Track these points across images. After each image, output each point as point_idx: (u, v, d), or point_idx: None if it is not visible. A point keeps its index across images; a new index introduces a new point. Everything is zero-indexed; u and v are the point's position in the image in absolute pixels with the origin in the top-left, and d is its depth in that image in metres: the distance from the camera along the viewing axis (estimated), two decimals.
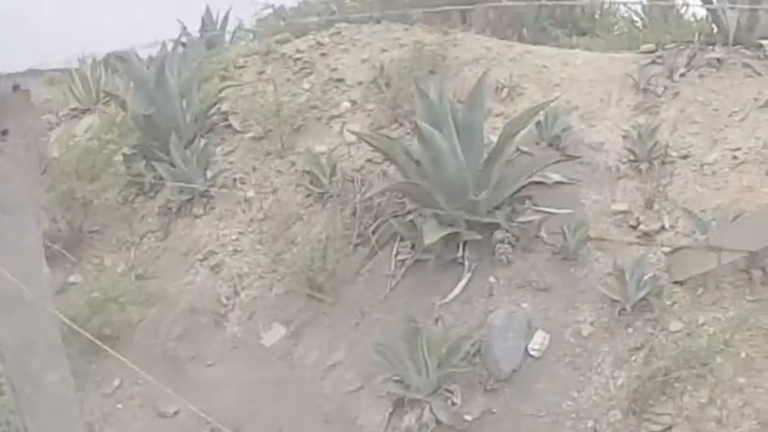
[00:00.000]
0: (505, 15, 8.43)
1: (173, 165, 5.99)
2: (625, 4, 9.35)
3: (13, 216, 3.05)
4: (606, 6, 9.57)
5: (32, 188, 3.22)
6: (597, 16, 9.33)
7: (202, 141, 6.23)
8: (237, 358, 5.12)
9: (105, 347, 5.16)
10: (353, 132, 5.62)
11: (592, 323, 4.49)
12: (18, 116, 3.08)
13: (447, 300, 4.71)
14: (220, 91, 6.62)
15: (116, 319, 5.32)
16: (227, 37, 9.18)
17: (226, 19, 9.18)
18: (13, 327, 3.10)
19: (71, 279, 5.96)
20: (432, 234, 4.61)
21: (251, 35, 9.26)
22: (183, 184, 5.92)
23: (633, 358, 4.25)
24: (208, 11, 9.09)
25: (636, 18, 9.04)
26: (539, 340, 4.43)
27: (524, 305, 4.61)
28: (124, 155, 6.36)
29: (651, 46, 6.63)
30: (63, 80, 14.91)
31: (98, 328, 5.19)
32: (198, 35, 8.95)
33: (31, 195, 3.21)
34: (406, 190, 5.06)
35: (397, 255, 5.01)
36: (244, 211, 5.81)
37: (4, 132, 3.03)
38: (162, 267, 5.80)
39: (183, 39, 8.89)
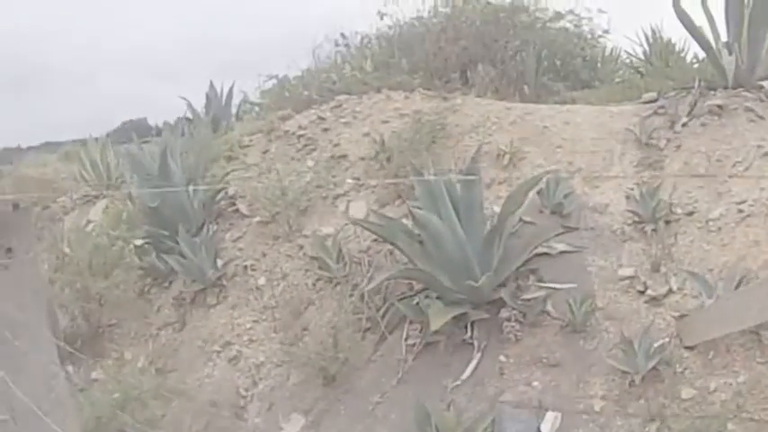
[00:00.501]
0: (506, 72, 8.48)
1: (183, 255, 6.04)
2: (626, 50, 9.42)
3: (23, 334, 3.12)
4: (607, 53, 9.63)
5: (40, 304, 3.29)
6: (599, 64, 9.36)
7: (211, 229, 6.28)
8: None
9: None
10: (355, 222, 5.69)
11: (603, 397, 4.49)
12: (20, 234, 3.16)
13: (458, 382, 4.72)
14: (227, 175, 6.69)
15: (139, 416, 5.34)
16: (234, 110, 9.24)
17: (231, 92, 9.24)
18: None
19: (93, 375, 6.01)
20: (438, 318, 4.65)
21: (256, 108, 9.34)
22: (194, 275, 5.99)
23: (646, 430, 4.25)
24: (212, 86, 9.15)
25: (637, 63, 9.09)
26: (550, 420, 4.43)
27: (535, 383, 4.62)
28: (135, 246, 6.44)
29: (653, 95, 6.66)
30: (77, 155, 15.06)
31: (120, 426, 5.23)
32: (203, 110, 9.02)
33: (39, 312, 3.27)
34: (411, 275, 5.09)
35: (406, 339, 5.03)
36: (256, 299, 5.84)
37: (9, 250, 3.10)
38: (181, 360, 5.84)
39: (189, 115, 9.01)
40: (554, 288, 4.94)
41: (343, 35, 9.68)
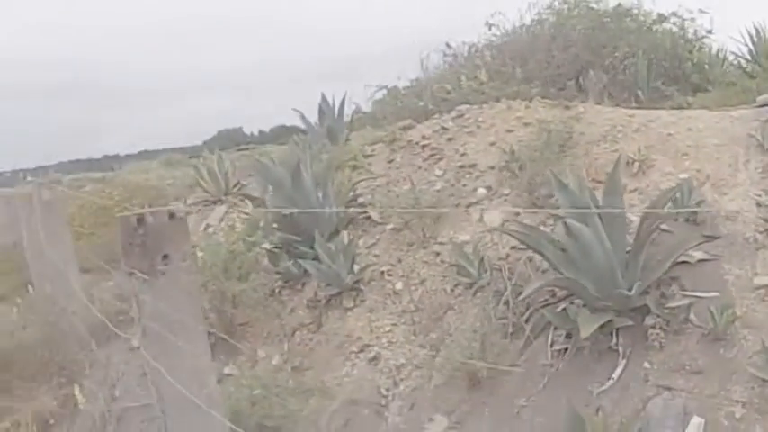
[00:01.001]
0: (617, 78, 8.57)
1: (319, 260, 6.26)
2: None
3: (181, 330, 3.36)
4: (713, 54, 9.63)
5: (195, 306, 3.52)
6: (707, 66, 9.38)
7: (346, 235, 6.49)
8: None
9: None
10: (502, 230, 5.82)
11: (744, 404, 4.53)
12: (176, 242, 3.40)
13: (604, 387, 4.79)
14: (356, 183, 6.89)
15: (276, 412, 5.54)
16: (347, 119, 9.40)
17: (342, 104, 9.39)
18: (187, 427, 3.40)
19: (226, 371, 6.25)
20: (587, 325, 4.75)
21: (368, 118, 9.53)
22: (330, 280, 6.21)
23: None
24: (324, 98, 9.29)
25: (744, 64, 9.09)
26: (695, 425, 4.50)
27: (679, 390, 4.68)
28: (268, 251, 6.70)
29: (766, 97, 6.70)
30: (180, 162, 15.49)
31: (260, 420, 5.45)
32: (317, 122, 9.20)
33: (195, 312, 3.51)
34: (561, 283, 5.21)
35: (552, 345, 5.13)
36: (394, 303, 6.01)
37: (165, 257, 3.35)
38: (317, 359, 6.04)
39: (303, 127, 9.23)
40: (697, 296, 5.02)
41: (448, 45, 9.88)
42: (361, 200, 6.85)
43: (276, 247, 6.73)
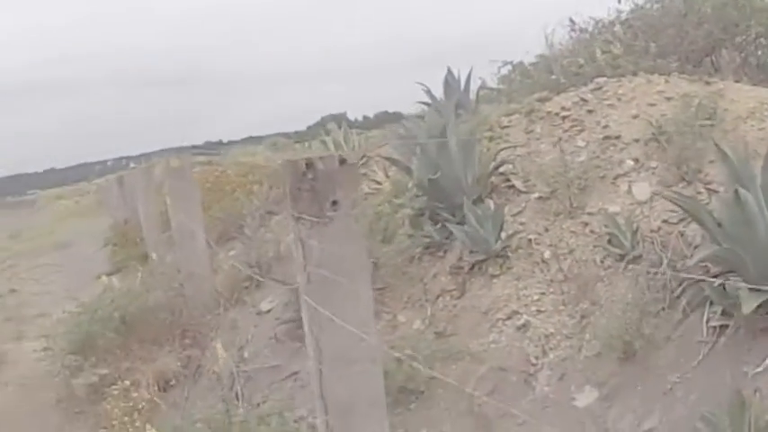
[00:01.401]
0: (748, 57, 8.49)
1: (463, 224, 6.34)
2: None
3: (347, 278, 3.43)
4: None
5: (362, 254, 3.59)
6: None
7: (491, 202, 6.55)
8: (550, 417, 5.26)
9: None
10: (667, 197, 5.75)
11: None
12: (345, 188, 3.45)
13: (760, 369, 4.69)
14: (498, 152, 6.94)
15: (419, 374, 5.62)
16: (472, 96, 9.41)
17: (469, 78, 9.40)
18: (344, 379, 3.48)
19: None
20: (749, 303, 4.70)
21: (496, 93, 9.55)
22: (477, 246, 6.27)
23: None
24: (449, 71, 9.31)
25: None
26: None
27: None
28: (410, 216, 6.80)
29: None
30: (286, 145, 15.77)
31: (403, 383, 5.55)
32: (443, 97, 9.22)
33: (362, 261, 3.58)
34: (725, 255, 5.18)
35: (708, 321, 5.10)
36: (542, 272, 6.03)
37: (335, 203, 3.41)
38: (461, 326, 6.10)
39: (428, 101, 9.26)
40: None
41: (572, 20, 9.84)
42: (502, 169, 6.87)
43: (420, 214, 6.82)
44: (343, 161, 3.42)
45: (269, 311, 7.39)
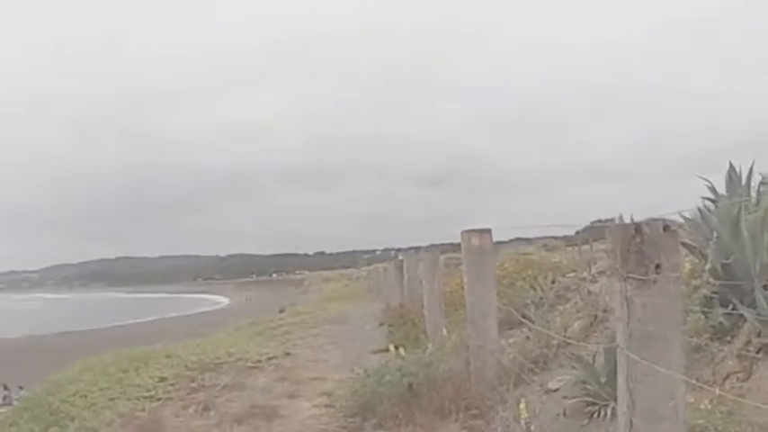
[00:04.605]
0: None
1: (754, 307, 6.39)
2: None
3: (664, 337, 3.65)
4: None
5: (679, 317, 3.80)
6: None
7: None
8: None
9: None
10: None
11: None
12: (668, 253, 3.70)
13: None
14: None
15: None
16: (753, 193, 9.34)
17: (750, 173, 9.35)
18: None
19: None
20: None
21: None
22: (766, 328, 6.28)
23: None
24: (731, 166, 9.31)
25: None
26: None
27: None
28: (702, 299, 6.93)
29: None
30: (558, 247, 16.05)
31: None
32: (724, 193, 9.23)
33: (678, 323, 3.79)
34: None
35: None
36: None
37: (658, 266, 3.66)
38: (747, 406, 6.09)
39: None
40: None
41: None
42: None
43: (710, 297, 6.93)
44: (666, 227, 3.75)
45: (556, 390, 7.62)
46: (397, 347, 10.05)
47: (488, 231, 8.36)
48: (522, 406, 6.63)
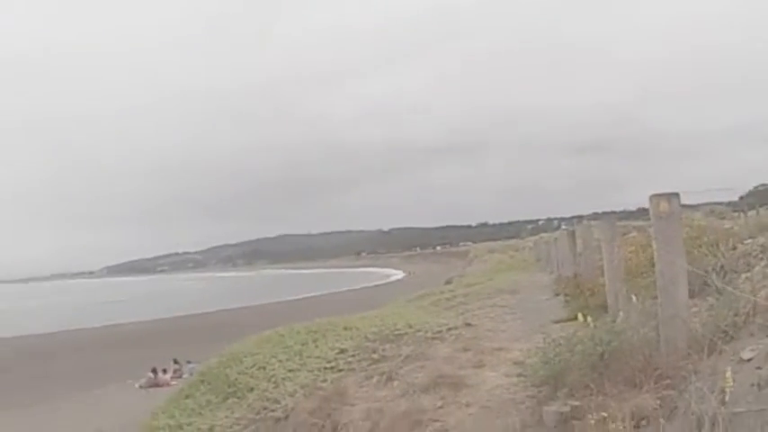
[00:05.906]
0: None
1: None
2: None
3: None
4: None
5: None
6: None
7: None
8: None
9: None
10: None
11: None
12: None
13: None
14: None
15: None
16: None
17: None
18: None
19: None
20: None
21: None
22: None
23: None
24: None
25: None
26: None
27: None
28: None
29: None
30: (723, 213, 15.32)
31: None
32: None
33: None
34: None
35: None
36: None
37: None
38: None
39: None
40: None
41: None
42: None
43: None
44: None
45: (750, 360, 7.25)
46: (585, 316, 9.73)
47: (677, 195, 8.00)
48: (728, 375, 6.31)
